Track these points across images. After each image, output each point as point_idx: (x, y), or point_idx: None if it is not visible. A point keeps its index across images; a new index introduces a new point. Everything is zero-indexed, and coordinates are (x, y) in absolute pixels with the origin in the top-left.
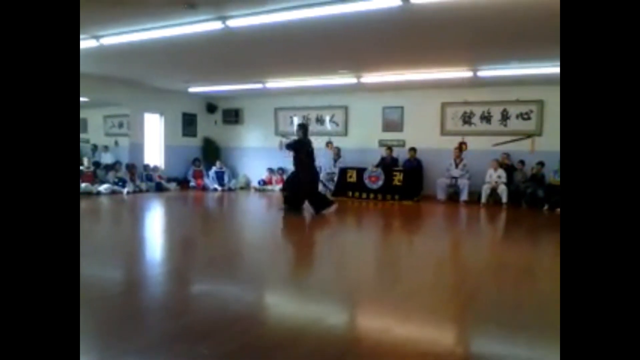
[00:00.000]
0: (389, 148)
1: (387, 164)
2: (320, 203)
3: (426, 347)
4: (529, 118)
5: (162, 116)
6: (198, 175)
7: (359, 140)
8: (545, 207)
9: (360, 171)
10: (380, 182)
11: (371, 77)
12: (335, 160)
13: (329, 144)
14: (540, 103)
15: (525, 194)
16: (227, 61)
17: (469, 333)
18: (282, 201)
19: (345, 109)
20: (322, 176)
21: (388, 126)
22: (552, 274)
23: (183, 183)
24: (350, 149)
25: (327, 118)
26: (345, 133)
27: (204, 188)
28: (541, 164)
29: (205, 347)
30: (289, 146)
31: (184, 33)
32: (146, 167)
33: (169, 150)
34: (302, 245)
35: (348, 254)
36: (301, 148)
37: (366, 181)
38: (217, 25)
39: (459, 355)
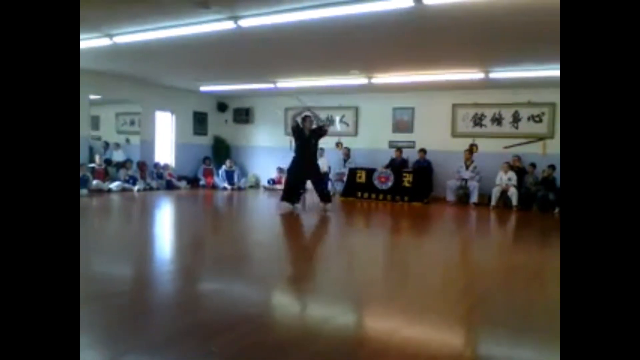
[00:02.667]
0: (399, 149)
1: (397, 165)
2: (324, 194)
3: (434, 349)
4: (540, 120)
5: (174, 114)
6: (208, 174)
7: (369, 140)
8: (556, 210)
9: (370, 172)
10: (390, 183)
11: (382, 78)
12: (345, 161)
13: (338, 144)
14: (552, 106)
15: (536, 197)
16: (239, 60)
17: (477, 335)
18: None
19: (356, 109)
20: (331, 176)
21: (398, 127)
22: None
23: (193, 181)
24: (360, 149)
25: (337, 118)
26: (355, 133)
27: (214, 187)
28: (552, 167)
29: (214, 345)
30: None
31: (196, 32)
32: (157, 165)
33: (180, 148)
34: (311, 245)
35: (357, 255)
36: (297, 136)
37: (375, 182)
38: (229, 25)
39: (468, 357)
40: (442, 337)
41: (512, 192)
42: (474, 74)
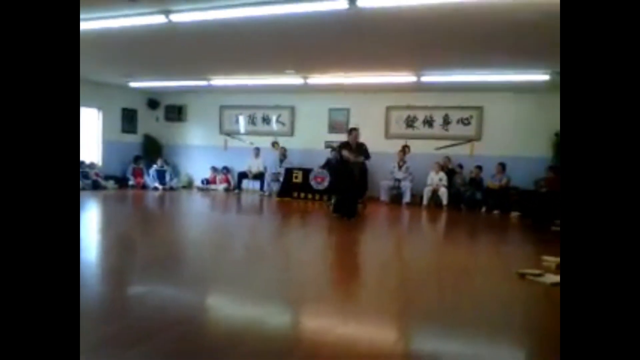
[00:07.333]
0: (335, 149)
1: (333, 166)
2: (346, 207)
3: (368, 346)
4: (469, 123)
5: (100, 111)
6: (138, 174)
7: (305, 140)
8: (483, 209)
9: (306, 172)
10: (326, 183)
11: (318, 79)
12: (281, 161)
13: (275, 144)
14: (479, 109)
15: (464, 197)
16: (171, 56)
17: (409, 331)
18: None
19: (292, 109)
20: (266, 176)
21: (334, 127)
22: (487, 272)
23: (122, 181)
24: (297, 149)
25: (274, 118)
26: (291, 133)
27: (144, 187)
28: (479, 167)
29: (138, 352)
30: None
31: (125, 25)
32: (82, 163)
33: (107, 146)
34: (243, 245)
35: (291, 256)
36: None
37: (312, 182)
38: (160, 19)
39: (399, 352)
40: (376, 334)
41: (443, 192)
42: (406, 77)
